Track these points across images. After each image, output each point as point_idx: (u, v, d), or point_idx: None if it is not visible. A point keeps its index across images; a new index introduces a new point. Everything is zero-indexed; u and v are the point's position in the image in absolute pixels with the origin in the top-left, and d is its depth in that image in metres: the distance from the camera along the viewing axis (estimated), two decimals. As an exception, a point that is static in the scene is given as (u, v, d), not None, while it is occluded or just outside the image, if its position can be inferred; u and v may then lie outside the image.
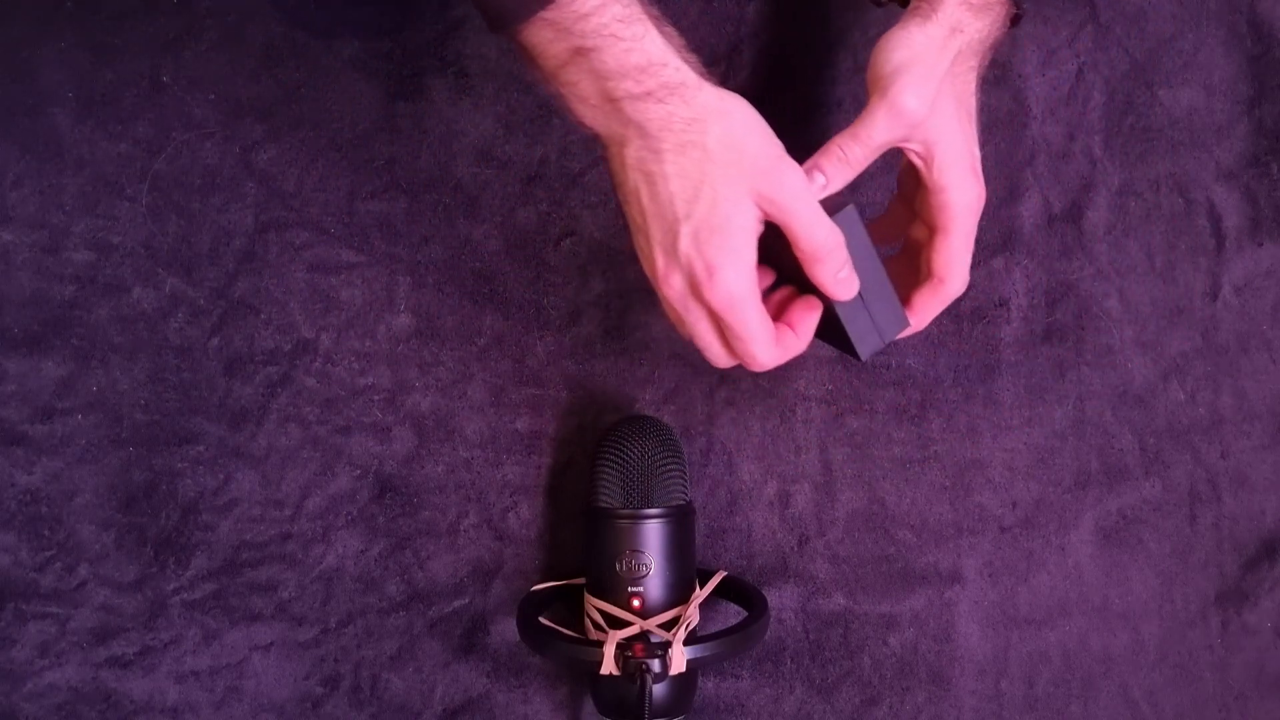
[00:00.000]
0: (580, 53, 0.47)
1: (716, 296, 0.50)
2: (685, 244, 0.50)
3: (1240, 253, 0.72)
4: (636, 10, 0.47)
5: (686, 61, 0.49)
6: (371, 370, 0.69)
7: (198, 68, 0.68)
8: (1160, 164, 0.71)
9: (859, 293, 0.53)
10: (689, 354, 0.70)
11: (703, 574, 0.66)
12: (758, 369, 0.53)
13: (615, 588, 0.62)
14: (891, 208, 0.61)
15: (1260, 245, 0.72)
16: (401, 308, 0.69)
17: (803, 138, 0.70)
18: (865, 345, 0.55)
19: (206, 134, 0.68)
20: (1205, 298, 0.72)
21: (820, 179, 0.53)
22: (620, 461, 0.63)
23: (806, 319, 0.54)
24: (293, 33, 0.68)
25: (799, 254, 0.50)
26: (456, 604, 0.69)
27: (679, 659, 0.57)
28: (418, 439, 0.69)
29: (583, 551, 0.66)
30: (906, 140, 0.53)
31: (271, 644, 0.68)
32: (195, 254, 0.68)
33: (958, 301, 0.70)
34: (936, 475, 0.70)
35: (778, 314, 0.55)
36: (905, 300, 0.57)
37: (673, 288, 0.51)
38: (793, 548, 0.70)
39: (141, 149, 0.68)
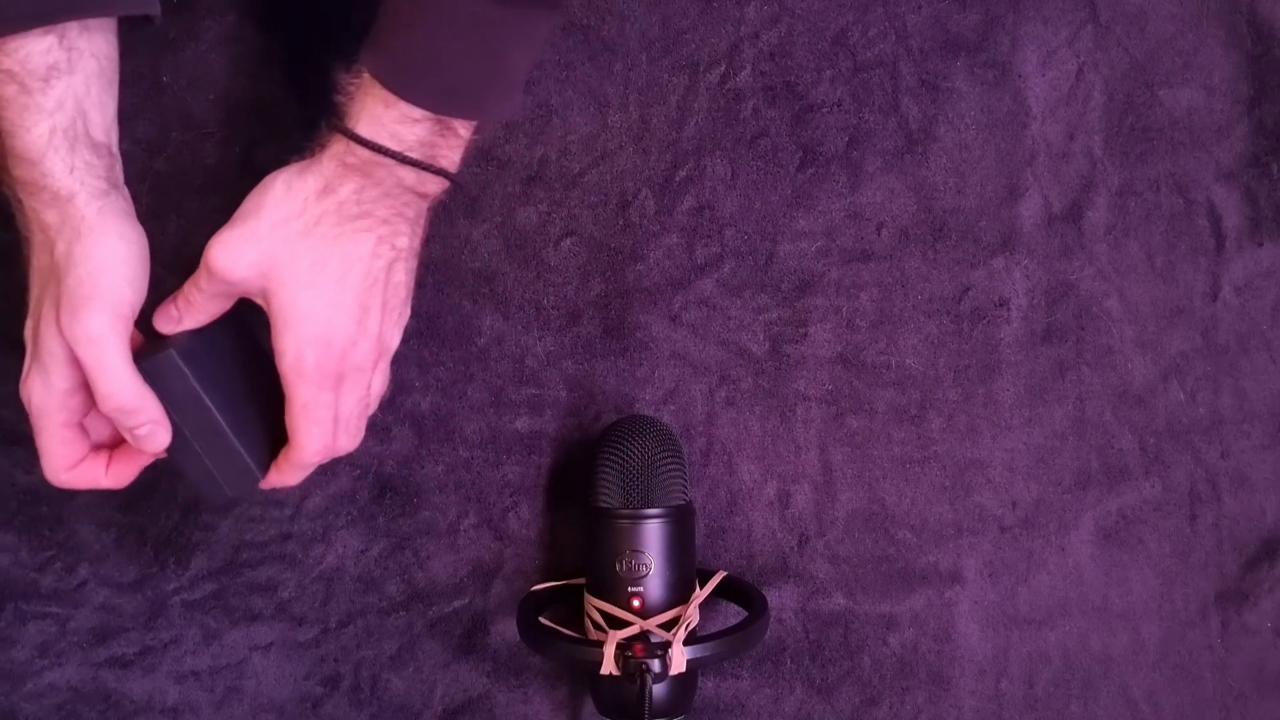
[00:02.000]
0: None
1: (22, 396, 0.49)
2: (27, 334, 0.50)
3: (1240, 253, 0.72)
4: (31, 101, 0.44)
5: (77, 169, 0.46)
6: (371, 370, 0.69)
7: (198, 68, 0.68)
8: (1160, 164, 0.71)
9: (192, 443, 0.50)
10: (689, 354, 0.70)
11: (703, 574, 0.66)
12: (47, 479, 0.51)
13: (615, 588, 0.62)
14: None
15: (1260, 245, 0.72)
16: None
17: (801, 137, 0.70)
18: (208, 496, 0.53)
19: (206, 134, 0.68)
20: (1205, 298, 0.72)
21: (174, 312, 0.52)
22: (620, 461, 0.63)
23: (124, 467, 0.52)
24: (292, 33, 0.68)
25: (97, 403, 0.48)
26: (456, 604, 0.69)
27: (679, 659, 0.57)
28: (418, 439, 0.69)
29: (583, 551, 0.66)
30: (241, 293, 0.51)
31: (271, 644, 0.68)
32: (195, 254, 0.68)
33: (957, 301, 0.70)
34: (936, 475, 0.70)
35: (118, 440, 0.53)
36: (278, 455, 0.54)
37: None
38: (793, 548, 0.70)
39: (141, 149, 0.68)
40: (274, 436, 0.54)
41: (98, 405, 0.48)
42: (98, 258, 0.46)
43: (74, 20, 0.45)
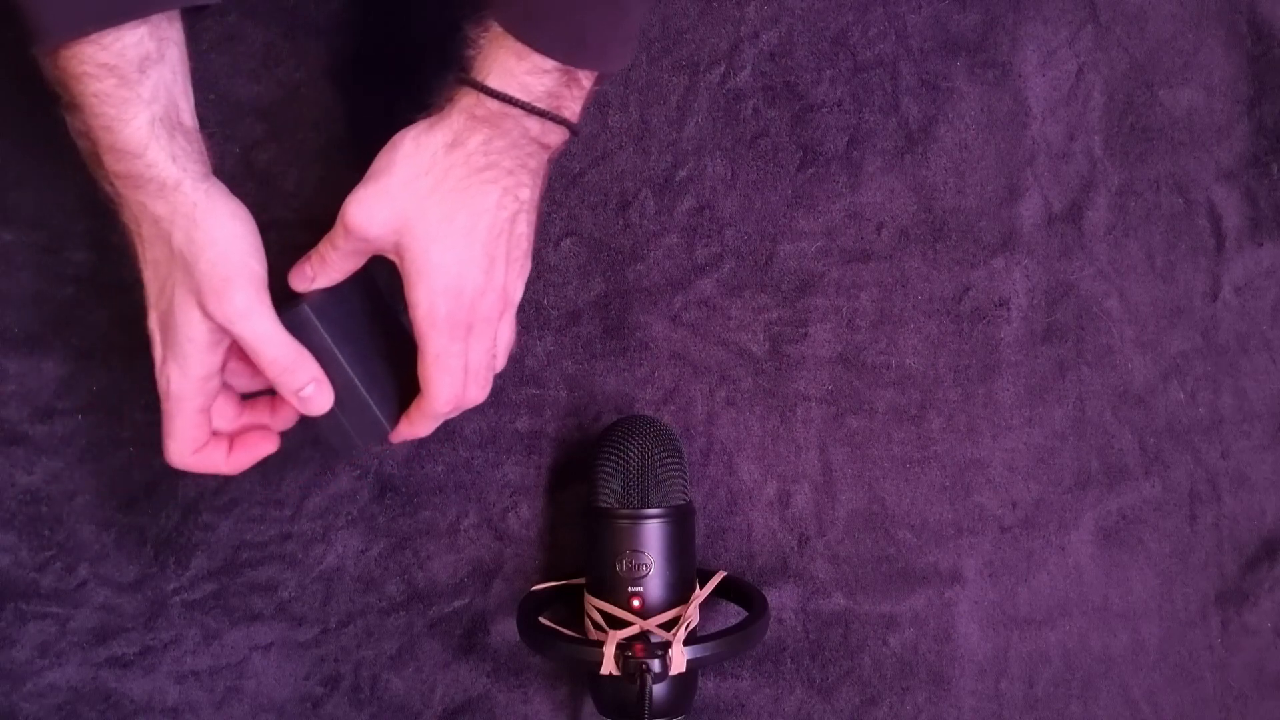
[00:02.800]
0: (71, 109, 0.47)
1: (159, 382, 0.51)
2: (153, 326, 0.51)
3: (1240, 253, 0.72)
4: (131, 94, 0.46)
5: (178, 157, 0.48)
6: (371, 370, 0.69)
7: (198, 68, 0.67)
8: (1160, 164, 0.71)
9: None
10: (689, 354, 0.70)
11: (703, 574, 0.66)
12: (168, 460, 0.53)
13: (615, 588, 0.62)
14: None
15: (1260, 245, 0.72)
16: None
17: (801, 137, 0.70)
18: (338, 447, 0.54)
19: (206, 134, 0.68)
20: (1205, 298, 0.72)
21: (308, 271, 0.54)
22: (620, 461, 0.63)
23: (245, 454, 0.54)
24: (293, 33, 0.68)
25: (261, 370, 0.50)
26: (456, 604, 0.69)
27: (679, 659, 0.57)
28: (418, 439, 0.69)
29: (583, 551, 0.66)
30: (376, 249, 0.52)
31: (271, 644, 0.68)
32: (195, 254, 0.68)
33: (957, 301, 0.70)
34: (936, 475, 0.70)
35: (245, 427, 0.55)
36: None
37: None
38: (793, 548, 0.70)
39: (141, 149, 0.68)
40: (403, 391, 0.55)
41: (264, 373, 0.50)
42: (221, 240, 0.48)
43: (165, 11, 0.46)
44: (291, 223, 0.68)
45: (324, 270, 0.54)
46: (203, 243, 0.48)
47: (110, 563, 0.67)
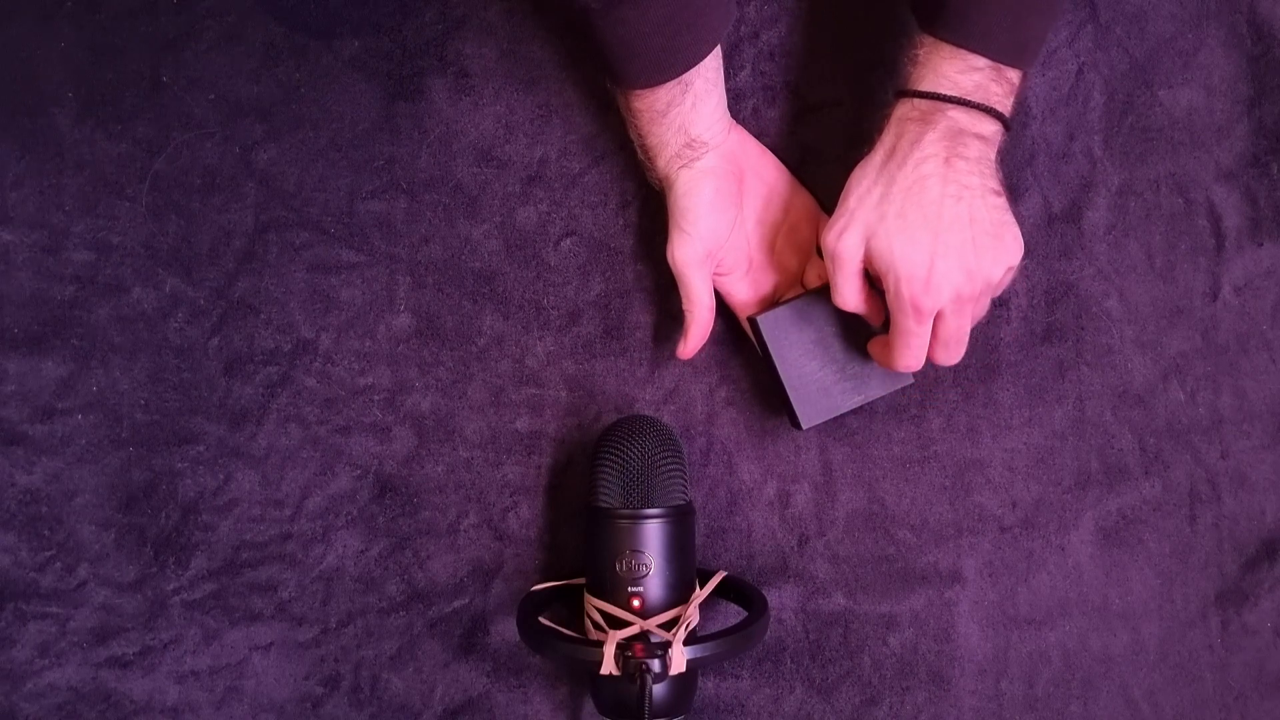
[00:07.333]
0: (625, 119, 0.64)
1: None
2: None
3: (1240, 253, 0.72)
4: (657, 122, 0.61)
5: (673, 161, 0.63)
6: (371, 370, 0.69)
7: (198, 68, 0.68)
8: (1160, 164, 0.71)
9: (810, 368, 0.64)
10: (689, 354, 0.70)
11: (703, 574, 0.66)
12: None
13: (615, 588, 0.62)
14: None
15: (1260, 245, 0.72)
16: (401, 308, 0.69)
17: (801, 137, 0.70)
18: (791, 421, 0.66)
19: (206, 134, 0.68)
20: (1205, 298, 0.72)
21: (847, 298, 0.60)
22: (620, 461, 0.63)
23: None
24: (293, 33, 0.68)
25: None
26: (456, 604, 0.69)
27: (679, 659, 0.57)
28: (418, 439, 0.69)
29: (583, 551, 0.66)
30: (861, 265, 0.59)
31: (271, 644, 0.68)
32: (195, 254, 0.68)
33: (958, 301, 0.70)
34: (936, 475, 0.70)
35: None
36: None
37: None
38: (793, 548, 0.70)
39: (141, 149, 0.68)
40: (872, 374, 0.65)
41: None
42: (687, 211, 0.62)
43: (678, 77, 0.59)
44: (291, 223, 0.68)
45: (844, 299, 0.60)
46: (675, 209, 0.63)
47: (110, 563, 0.67)
